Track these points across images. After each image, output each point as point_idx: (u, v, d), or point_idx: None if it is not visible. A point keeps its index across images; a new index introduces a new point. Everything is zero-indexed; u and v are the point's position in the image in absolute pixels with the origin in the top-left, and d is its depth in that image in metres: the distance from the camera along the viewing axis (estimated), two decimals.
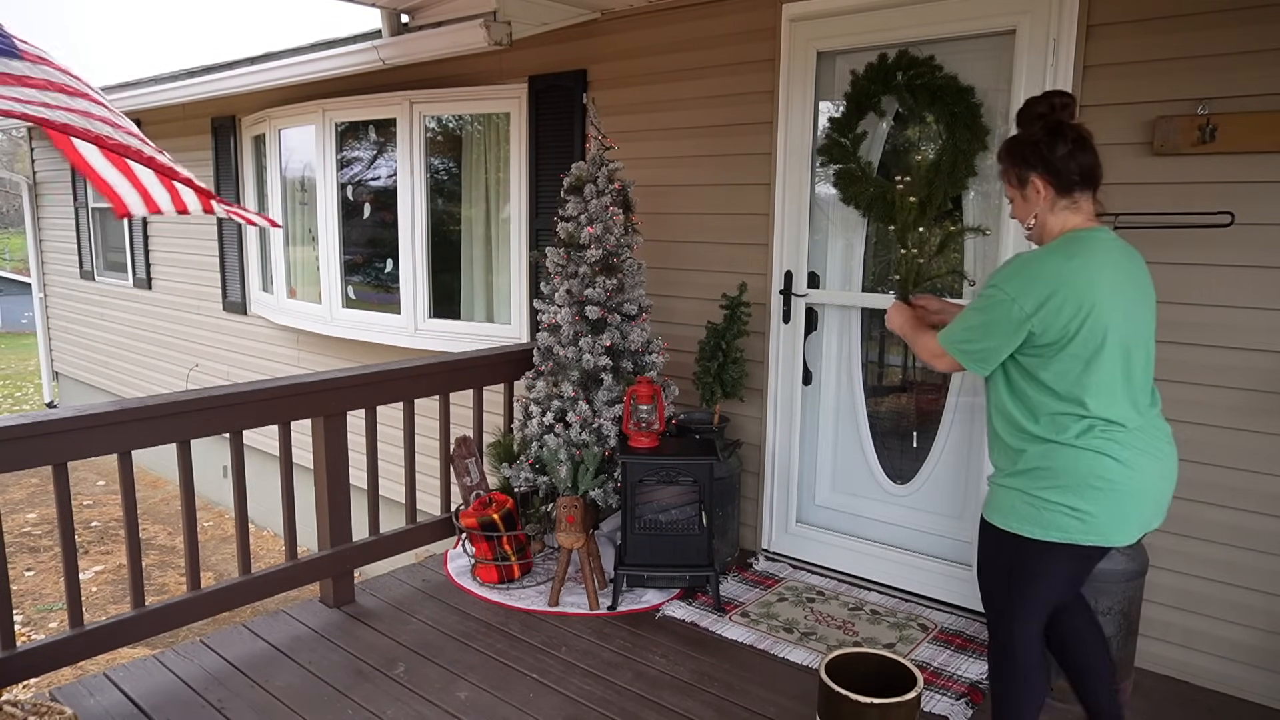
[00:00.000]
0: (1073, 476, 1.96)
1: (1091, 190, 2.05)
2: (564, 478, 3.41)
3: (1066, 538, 1.98)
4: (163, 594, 6.06)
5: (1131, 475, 1.96)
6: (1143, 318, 2.02)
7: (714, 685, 2.82)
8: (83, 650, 2.70)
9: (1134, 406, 2.00)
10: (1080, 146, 2.02)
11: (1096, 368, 1.95)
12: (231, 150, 6.78)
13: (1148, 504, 2.01)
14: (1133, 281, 2.01)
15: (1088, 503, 1.96)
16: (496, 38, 3.98)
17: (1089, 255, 1.96)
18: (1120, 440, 1.96)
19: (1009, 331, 1.98)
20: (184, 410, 2.82)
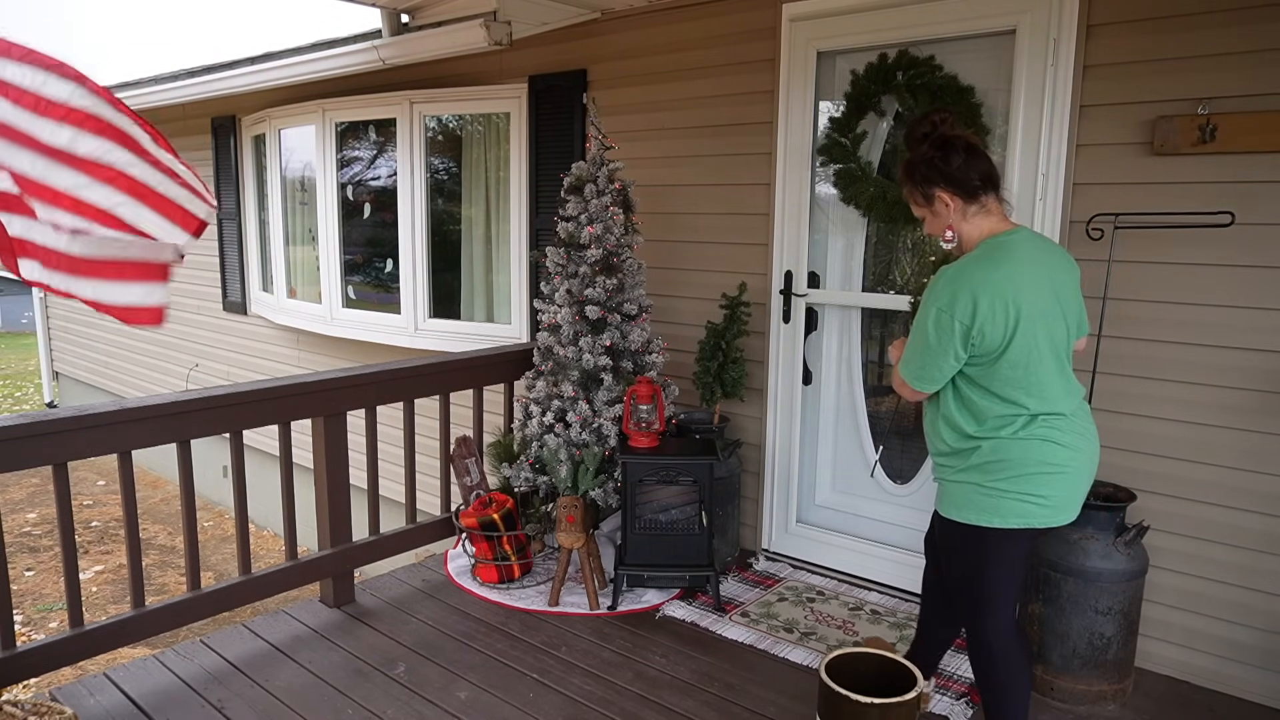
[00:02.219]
0: (1025, 465, 2.06)
1: (995, 192, 2.14)
2: (564, 478, 3.41)
3: (1026, 522, 2.08)
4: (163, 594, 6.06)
5: (1075, 457, 2.09)
6: (1068, 308, 2.11)
7: (714, 685, 2.82)
8: (83, 650, 2.70)
9: (1069, 395, 2.11)
10: (973, 154, 2.12)
11: (1035, 368, 2.04)
12: (231, 150, 6.78)
13: (1088, 480, 2.15)
14: (1055, 277, 2.10)
15: (1043, 487, 2.06)
16: (496, 38, 3.98)
17: (1013, 261, 2.05)
18: (1061, 427, 2.07)
19: (954, 346, 2.06)
20: (184, 410, 2.82)
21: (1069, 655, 2.71)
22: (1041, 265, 2.08)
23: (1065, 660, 2.72)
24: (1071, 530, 2.70)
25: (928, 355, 2.10)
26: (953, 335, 2.04)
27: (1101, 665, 2.69)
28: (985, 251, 2.09)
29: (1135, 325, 2.86)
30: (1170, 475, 2.84)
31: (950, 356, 2.07)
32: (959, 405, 2.14)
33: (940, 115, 2.17)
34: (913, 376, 2.17)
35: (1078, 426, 2.10)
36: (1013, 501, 2.07)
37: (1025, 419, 2.06)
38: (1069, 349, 2.14)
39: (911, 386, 2.19)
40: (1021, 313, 2.01)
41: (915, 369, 2.15)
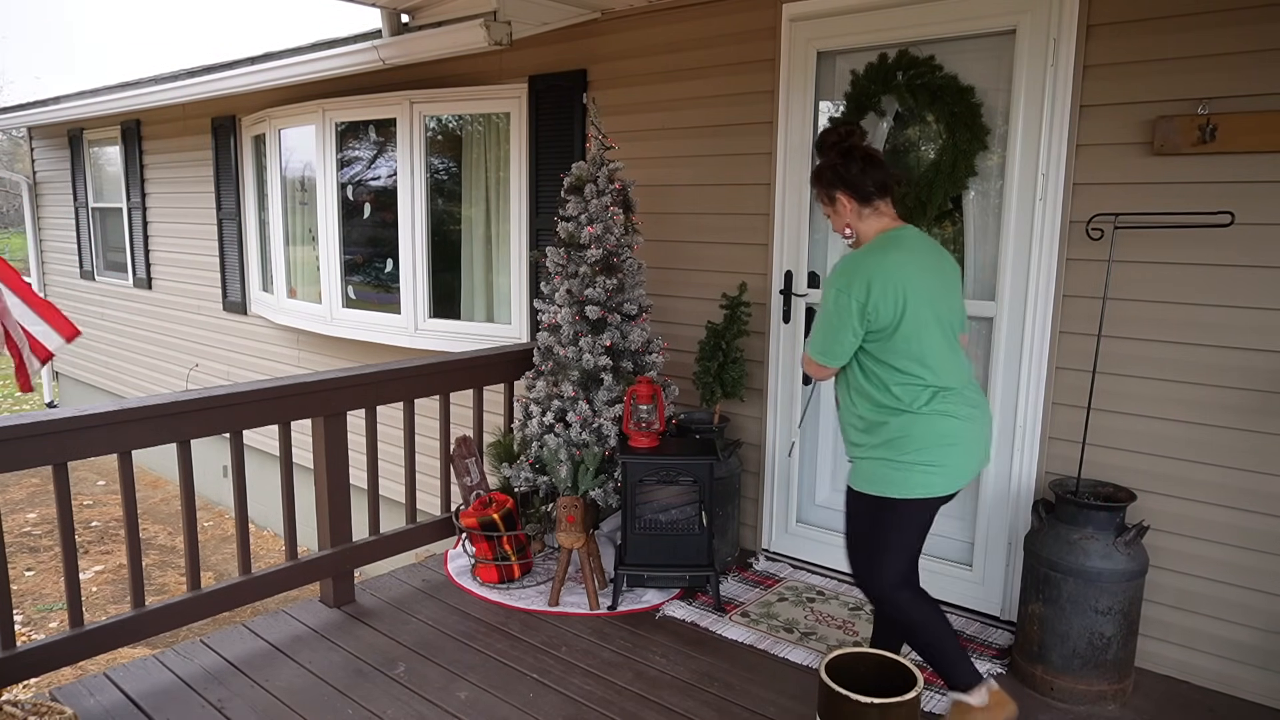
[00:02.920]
0: (927, 439, 2.31)
1: (889, 196, 2.42)
2: (564, 478, 3.41)
3: (928, 491, 2.34)
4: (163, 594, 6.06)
5: (968, 428, 2.34)
6: (952, 298, 2.38)
7: (714, 685, 2.82)
8: (83, 650, 2.70)
9: (960, 371, 2.36)
10: (870, 163, 2.39)
11: (926, 342, 2.31)
12: (231, 150, 6.78)
13: (980, 451, 2.40)
14: (939, 269, 2.38)
15: (941, 458, 2.32)
16: (496, 38, 3.98)
17: (901, 250, 2.34)
18: (955, 401, 2.33)
19: (852, 323, 2.32)
20: (184, 410, 2.82)
21: (1069, 655, 2.71)
22: (928, 255, 2.38)
23: (1065, 660, 2.72)
24: (1071, 530, 2.70)
25: (830, 333, 2.37)
26: (850, 313, 2.31)
27: (1101, 665, 2.69)
28: (878, 243, 2.38)
29: (1135, 325, 2.86)
30: (1170, 475, 2.84)
31: (849, 333, 2.34)
32: (866, 380, 2.39)
33: (848, 128, 2.46)
34: (819, 353, 2.42)
35: (970, 400, 2.35)
36: (918, 474, 2.32)
37: (929, 392, 2.31)
38: (957, 332, 2.40)
39: (818, 363, 2.44)
40: (909, 293, 2.28)
41: (820, 346, 2.41)
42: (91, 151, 8.92)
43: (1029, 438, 3.11)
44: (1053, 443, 3.08)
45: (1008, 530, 3.20)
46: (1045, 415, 3.07)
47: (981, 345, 3.27)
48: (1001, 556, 3.23)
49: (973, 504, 3.33)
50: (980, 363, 3.28)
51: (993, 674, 2.88)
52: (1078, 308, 2.96)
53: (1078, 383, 2.98)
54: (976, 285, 3.27)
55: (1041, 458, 3.10)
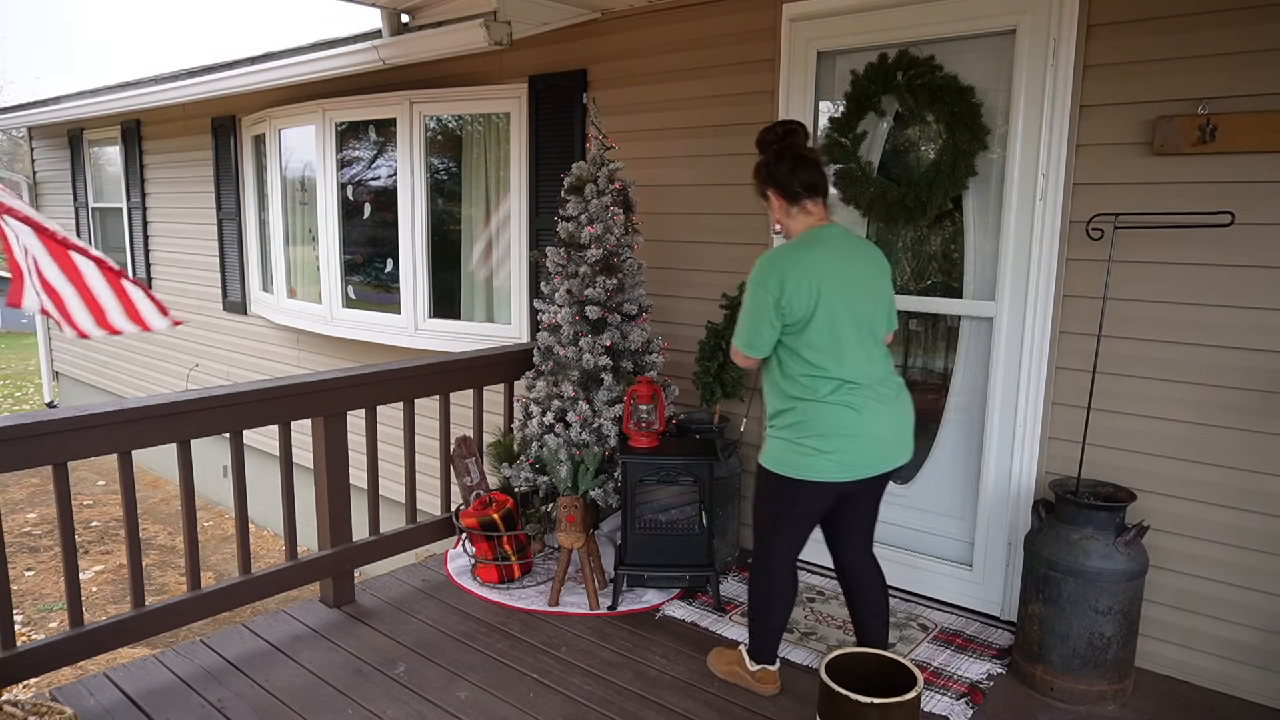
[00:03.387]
0: (826, 427, 2.42)
1: (818, 197, 2.50)
2: (564, 478, 3.41)
3: (821, 477, 2.45)
4: (163, 594, 6.06)
5: (867, 423, 2.42)
6: (873, 296, 2.46)
7: (714, 685, 2.82)
8: (83, 650, 2.70)
9: (871, 367, 2.45)
10: (800, 164, 2.47)
11: (838, 337, 2.41)
12: (231, 150, 6.79)
13: (884, 444, 2.46)
14: (860, 266, 2.47)
15: (838, 446, 2.42)
16: (496, 38, 3.98)
17: (818, 247, 2.44)
18: (861, 395, 2.42)
19: (769, 315, 2.44)
20: (184, 410, 2.82)
21: (1069, 655, 2.71)
22: (851, 255, 2.47)
23: (1065, 660, 2.72)
24: (1071, 530, 2.70)
25: (750, 325, 2.50)
26: (766, 306, 2.43)
27: (1101, 665, 2.69)
28: (800, 240, 2.49)
29: (1135, 325, 2.86)
30: (1170, 475, 2.84)
31: (767, 325, 2.46)
32: (780, 368, 2.51)
33: (785, 127, 2.54)
34: (742, 344, 2.55)
35: (878, 394, 2.44)
36: (814, 459, 2.44)
37: (832, 384, 2.42)
38: (877, 330, 2.48)
39: (742, 353, 2.57)
40: (822, 290, 2.38)
41: (743, 338, 2.54)
42: (91, 151, 8.92)
43: (1029, 438, 3.11)
44: (1053, 443, 3.08)
45: (1008, 530, 3.20)
46: (1045, 415, 3.07)
47: (981, 345, 3.27)
48: (1001, 556, 3.23)
49: (973, 504, 3.33)
50: (980, 363, 3.28)
51: (993, 674, 2.88)
52: (1078, 308, 2.96)
53: (1078, 383, 2.98)
54: (977, 285, 3.27)
55: (1041, 458, 3.10)
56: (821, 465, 2.44)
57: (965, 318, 3.31)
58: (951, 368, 3.38)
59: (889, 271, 2.57)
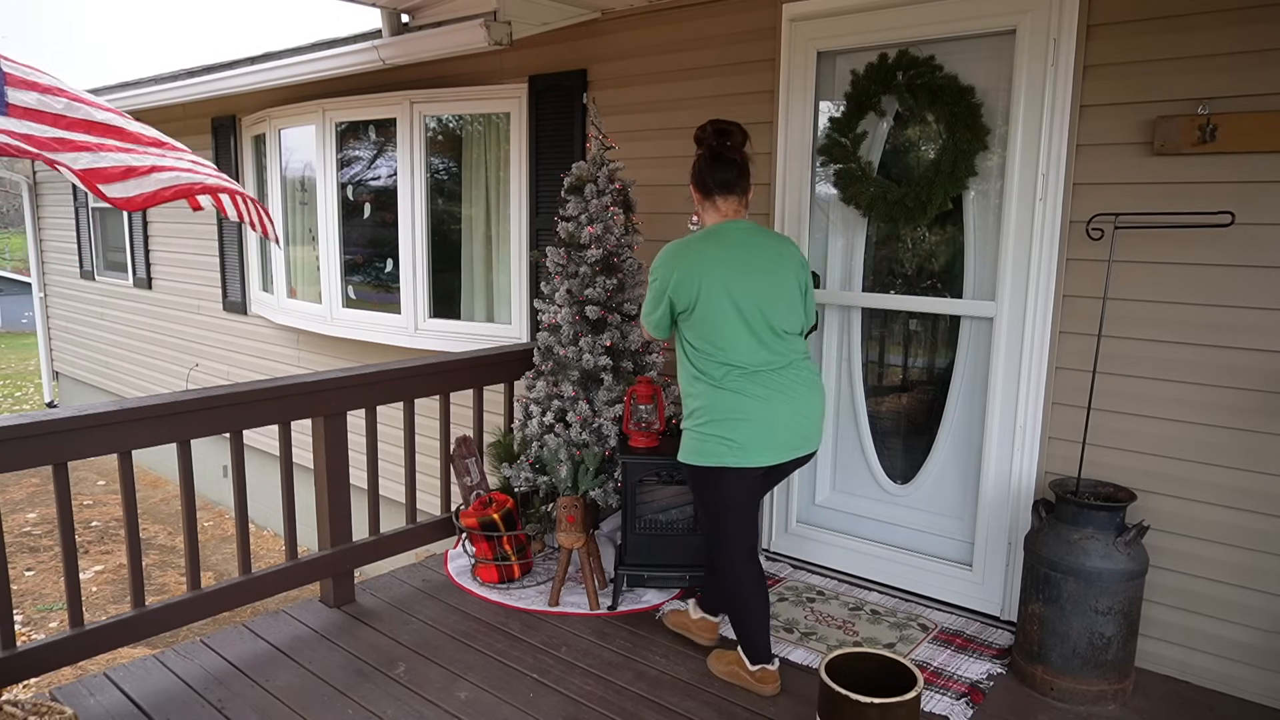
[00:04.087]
0: (720, 412, 2.55)
1: (730, 194, 2.63)
2: (564, 478, 3.41)
3: (720, 462, 2.55)
4: (163, 594, 6.06)
5: (763, 408, 2.53)
6: (767, 287, 2.55)
7: (714, 685, 2.82)
8: (83, 650, 2.70)
9: (764, 352, 2.55)
10: (717, 163, 2.62)
11: (721, 327, 2.53)
12: (232, 150, 6.79)
13: (784, 432, 2.57)
14: (756, 261, 2.57)
15: (732, 432, 2.54)
16: (496, 38, 3.98)
17: (711, 242, 2.59)
18: (752, 381, 2.53)
19: (660, 301, 2.63)
20: (184, 410, 2.82)
21: (1069, 655, 2.71)
22: (746, 250, 2.59)
23: (1065, 660, 2.72)
24: (1072, 530, 2.70)
25: (649, 307, 2.71)
26: (658, 292, 2.64)
27: (1101, 665, 2.69)
28: (700, 234, 2.65)
29: (1135, 325, 2.86)
30: (1170, 475, 2.84)
31: (660, 309, 2.65)
32: (682, 352, 2.67)
33: (715, 126, 2.65)
34: (647, 324, 2.77)
35: (773, 383, 2.54)
36: (712, 444, 2.56)
37: (725, 369, 2.55)
38: (773, 321, 2.56)
39: (646, 329, 2.79)
40: (704, 281, 2.53)
41: (646, 318, 2.75)
42: None
43: (1029, 438, 3.11)
44: (1053, 443, 3.08)
45: (1008, 530, 3.20)
46: (1045, 415, 3.07)
47: (981, 345, 3.27)
48: (1001, 556, 3.23)
49: (973, 504, 3.33)
50: (980, 363, 3.28)
51: (993, 674, 2.88)
52: (1078, 308, 2.96)
53: (1078, 383, 2.98)
54: (976, 285, 3.27)
55: (1041, 458, 3.10)
56: (719, 451, 2.56)
57: (965, 318, 3.31)
58: (951, 368, 3.39)
59: (797, 268, 2.64)
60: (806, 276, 2.70)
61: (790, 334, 2.61)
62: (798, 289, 2.63)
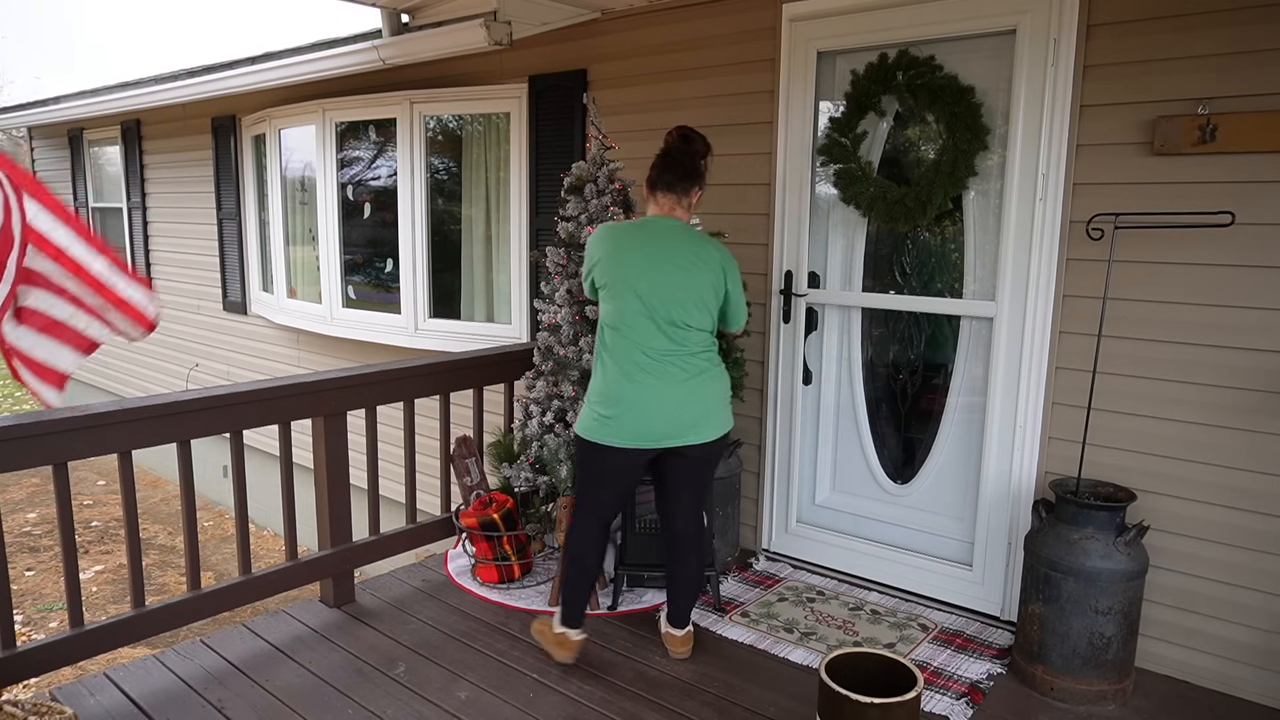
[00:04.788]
0: (607, 391, 2.71)
1: (669, 193, 2.78)
2: (564, 478, 3.41)
3: (590, 434, 2.73)
4: (163, 594, 6.06)
5: (642, 394, 2.66)
6: (677, 282, 2.67)
7: (714, 685, 2.82)
8: (83, 650, 2.70)
9: (663, 340, 2.67)
10: (666, 162, 2.79)
11: (622, 308, 2.68)
12: (231, 150, 6.79)
13: (657, 420, 2.68)
14: (671, 257, 2.69)
15: (615, 414, 2.68)
16: (496, 38, 3.98)
17: (632, 231, 2.76)
18: (637, 365, 2.67)
19: (588, 275, 2.82)
20: (184, 410, 2.82)
21: (1069, 655, 2.71)
22: (661, 242, 2.71)
23: (1065, 660, 2.72)
24: (1072, 530, 2.70)
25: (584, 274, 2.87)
26: (586, 267, 2.82)
27: (1101, 665, 2.69)
28: (628, 222, 2.83)
29: (1135, 325, 2.86)
30: (1170, 475, 2.84)
31: (587, 281, 2.84)
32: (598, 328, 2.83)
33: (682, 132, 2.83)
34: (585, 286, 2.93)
35: (662, 372, 2.67)
36: (589, 417, 2.74)
37: (623, 349, 2.69)
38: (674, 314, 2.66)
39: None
40: (616, 265, 2.70)
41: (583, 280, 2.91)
42: (91, 151, 8.92)
43: (1029, 438, 3.11)
44: (1053, 443, 3.08)
45: (1008, 530, 3.20)
46: (1045, 415, 3.07)
47: (981, 345, 3.27)
48: (1001, 556, 3.23)
49: (973, 504, 3.33)
50: (980, 362, 3.28)
51: (993, 674, 2.88)
52: (1078, 308, 2.96)
53: (1078, 383, 2.98)
54: (977, 285, 3.27)
55: (1041, 458, 3.10)
56: (603, 430, 2.70)
57: (965, 317, 3.31)
58: (951, 367, 3.38)
59: (715, 272, 2.72)
60: (730, 286, 2.77)
61: (692, 328, 2.70)
62: (711, 292, 2.72)
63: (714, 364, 2.77)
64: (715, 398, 2.76)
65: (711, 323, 2.76)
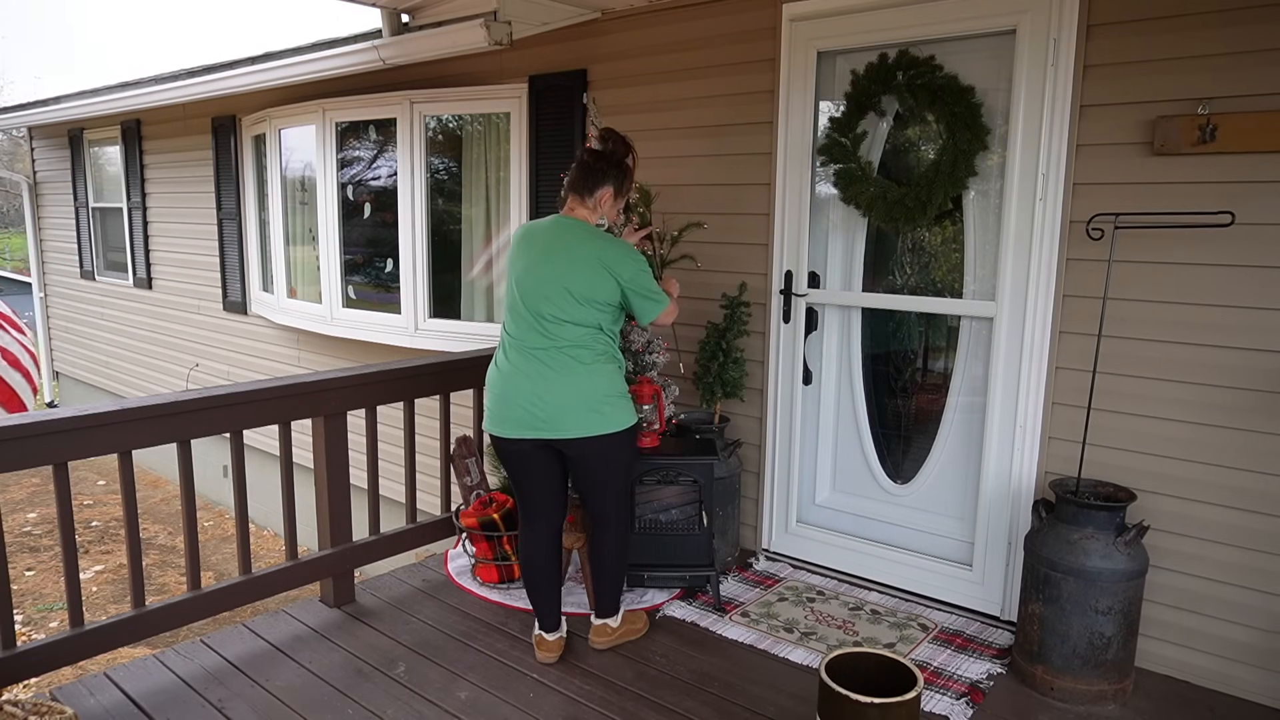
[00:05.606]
0: (489, 381, 2.82)
1: (573, 193, 2.86)
2: None
3: (486, 427, 2.83)
4: (163, 594, 6.06)
5: (503, 382, 2.75)
6: (560, 276, 2.70)
7: (714, 685, 2.82)
8: (83, 650, 2.70)
9: (537, 334, 2.72)
10: (578, 168, 2.86)
11: (510, 299, 2.79)
12: (232, 150, 6.79)
13: (513, 409, 2.73)
14: (560, 251, 2.74)
15: (490, 402, 2.81)
16: (497, 38, 3.98)
17: (531, 229, 2.85)
18: (512, 356, 2.75)
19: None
20: (184, 410, 2.82)
21: (1069, 655, 2.71)
22: (550, 239, 2.77)
23: (1065, 660, 2.72)
24: (1072, 530, 2.70)
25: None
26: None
27: (1101, 665, 2.69)
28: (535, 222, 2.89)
29: (1135, 325, 2.86)
30: (1170, 475, 2.84)
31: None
32: None
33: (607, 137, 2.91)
34: None
35: (529, 361, 2.72)
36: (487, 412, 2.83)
37: (507, 339, 2.79)
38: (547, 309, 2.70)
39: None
40: (515, 258, 2.80)
41: None
42: (91, 151, 8.92)
43: (1029, 437, 3.11)
44: (1053, 442, 3.08)
45: (1008, 530, 3.20)
46: (1045, 415, 3.07)
47: (981, 345, 3.27)
48: (1001, 556, 3.23)
49: (973, 504, 3.33)
50: (980, 362, 3.28)
51: (993, 674, 2.88)
52: (1078, 308, 2.96)
53: (1078, 383, 2.98)
54: (977, 285, 3.27)
55: (1041, 457, 3.10)
56: (487, 418, 2.82)
57: (965, 318, 3.32)
58: (951, 367, 3.39)
59: (590, 264, 2.71)
60: (622, 279, 2.73)
61: (565, 322, 2.71)
62: (588, 285, 2.70)
63: (587, 363, 2.71)
64: (578, 395, 2.70)
65: (594, 318, 2.73)
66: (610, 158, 2.87)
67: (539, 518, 2.90)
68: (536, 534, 2.91)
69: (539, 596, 2.93)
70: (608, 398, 2.73)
